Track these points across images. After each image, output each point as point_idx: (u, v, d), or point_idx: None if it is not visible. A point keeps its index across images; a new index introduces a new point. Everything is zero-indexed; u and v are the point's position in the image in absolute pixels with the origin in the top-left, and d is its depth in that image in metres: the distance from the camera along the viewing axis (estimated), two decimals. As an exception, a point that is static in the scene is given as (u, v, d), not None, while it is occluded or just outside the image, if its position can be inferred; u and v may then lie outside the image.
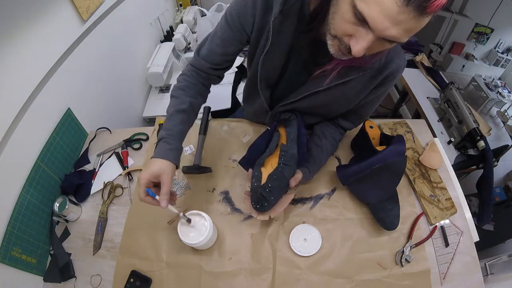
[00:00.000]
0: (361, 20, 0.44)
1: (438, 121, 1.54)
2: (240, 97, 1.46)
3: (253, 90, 0.79)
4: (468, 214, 0.85)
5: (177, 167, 0.68)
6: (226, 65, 0.78)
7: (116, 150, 0.99)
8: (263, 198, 0.67)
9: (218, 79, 0.82)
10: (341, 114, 0.83)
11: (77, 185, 0.88)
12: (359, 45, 0.47)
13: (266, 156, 0.75)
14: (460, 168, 1.36)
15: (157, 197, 0.61)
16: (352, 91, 0.71)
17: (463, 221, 0.83)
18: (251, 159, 0.76)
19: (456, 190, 0.89)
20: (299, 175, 0.74)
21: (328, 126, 0.86)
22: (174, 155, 0.66)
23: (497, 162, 1.40)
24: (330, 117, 0.85)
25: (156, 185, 0.65)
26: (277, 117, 0.80)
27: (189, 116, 0.74)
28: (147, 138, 1.02)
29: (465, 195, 0.88)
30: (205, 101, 0.82)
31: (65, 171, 0.93)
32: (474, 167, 1.37)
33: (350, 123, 0.85)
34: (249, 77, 0.81)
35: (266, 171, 0.72)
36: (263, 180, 0.70)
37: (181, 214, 0.66)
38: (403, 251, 0.76)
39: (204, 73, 0.77)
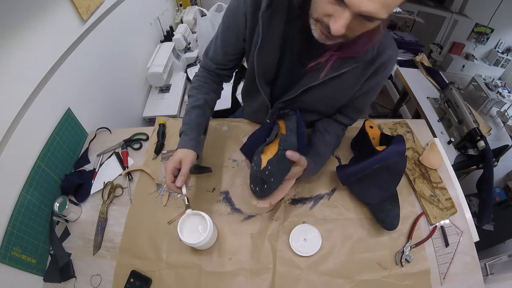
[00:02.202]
0: None
1: (438, 121, 1.54)
2: (240, 97, 1.46)
3: (253, 87, 0.79)
4: (468, 214, 0.85)
5: (198, 156, 0.74)
6: (231, 65, 0.83)
7: (116, 150, 0.99)
8: (262, 181, 0.66)
9: (228, 78, 0.87)
10: (339, 110, 0.84)
11: (77, 185, 0.88)
12: (338, 23, 0.48)
13: (266, 145, 0.73)
14: (460, 168, 1.36)
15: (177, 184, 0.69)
16: (347, 84, 0.71)
17: (463, 221, 0.83)
18: (251, 148, 0.75)
19: (456, 190, 0.89)
20: (304, 160, 0.72)
21: (329, 122, 0.86)
22: (193, 144, 0.73)
23: (497, 162, 1.40)
24: (329, 113, 0.86)
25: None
26: (277, 113, 0.80)
27: (204, 111, 0.80)
28: (147, 138, 1.02)
29: (465, 195, 0.88)
30: (219, 97, 0.88)
31: (65, 171, 0.93)
32: (474, 167, 1.37)
33: (349, 118, 0.85)
34: (247, 75, 0.82)
35: (266, 157, 0.70)
36: (263, 165, 0.68)
37: (186, 199, 0.70)
38: (403, 251, 0.76)
39: (213, 72, 0.83)
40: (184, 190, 0.70)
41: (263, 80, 0.75)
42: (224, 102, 1.44)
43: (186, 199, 0.70)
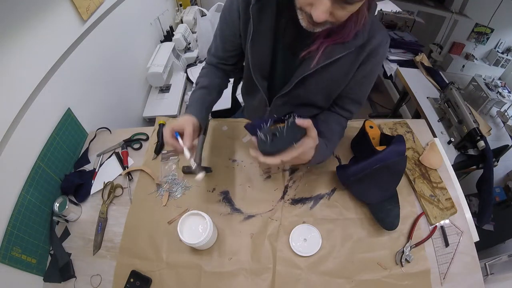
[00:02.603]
0: None
1: (438, 121, 1.54)
2: (240, 97, 1.46)
3: (251, 83, 0.80)
4: (468, 214, 0.84)
5: (201, 128, 0.74)
6: (232, 61, 0.85)
7: (116, 150, 0.99)
8: (271, 133, 0.59)
9: (232, 73, 0.90)
10: (337, 104, 0.83)
11: (77, 185, 0.88)
12: (318, 10, 0.50)
13: (272, 123, 0.66)
14: (460, 168, 1.36)
15: (180, 141, 0.66)
16: (340, 72, 0.71)
17: (463, 221, 0.83)
18: (255, 126, 0.67)
19: (456, 190, 0.89)
20: (315, 131, 0.65)
21: (329, 114, 0.85)
22: (195, 112, 0.73)
23: (497, 162, 1.40)
24: (327, 106, 0.85)
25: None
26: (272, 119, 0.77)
27: (209, 91, 0.81)
28: (147, 138, 1.02)
29: (465, 195, 0.88)
30: (226, 86, 0.90)
31: (65, 171, 0.93)
32: (474, 167, 1.36)
33: (347, 111, 0.84)
34: (245, 71, 0.83)
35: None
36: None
37: (193, 162, 0.67)
38: (403, 251, 0.76)
39: (216, 67, 0.86)
40: (187, 153, 0.65)
41: (259, 74, 0.75)
42: (224, 102, 1.43)
43: (192, 161, 0.66)
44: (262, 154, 0.60)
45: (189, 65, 1.78)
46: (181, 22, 1.99)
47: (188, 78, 1.71)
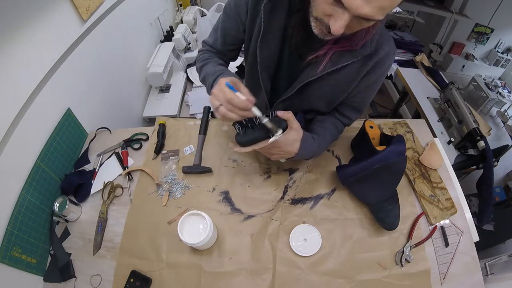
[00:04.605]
0: (337, 1, 0.47)
1: (438, 121, 1.54)
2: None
3: (253, 83, 0.79)
4: (468, 214, 0.85)
5: None
6: (230, 55, 0.85)
7: (116, 150, 0.99)
8: (247, 126, 0.63)
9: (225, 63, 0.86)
10: (338, 110, 0.83)
11: (77, 185, 0.88)
12: (337, 24, 0.50)
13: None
14: (460, 168, 1.36)
15: (238, 93, 0.59)
16: (345, 80, 0.71)
17: (463, 221, 0.83)
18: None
19: (456, 190, 0.89)
20: (297, 123, 0.68)
21: (327, 116, 0.85)
22: (233, 75, 0.70)
23: (497, 162, 1.40)
24: (328, 112, 0.85)
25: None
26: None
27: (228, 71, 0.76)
28: (147, 138, 1.02)
29: (465, 195, 0.88)
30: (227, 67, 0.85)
31: (65, 171, 0.93)
32: (474, 167, 1.37)
33: (347, 118, 0.84)
34: (246, 70, 0.82)
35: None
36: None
37: (265, 119, 0.62)
38: (403, 251, 0.76)
39: (214, 52, 0.84)
40: (256, 110, 0.59)
41: (265, 73, 0.74)
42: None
43: (265, 118, 0.61)
44: (238, 144, 0.64)
45: (189, 65, 1.78)
46: (181, 22, 1.99)
47: (188, 78, 1.71)
